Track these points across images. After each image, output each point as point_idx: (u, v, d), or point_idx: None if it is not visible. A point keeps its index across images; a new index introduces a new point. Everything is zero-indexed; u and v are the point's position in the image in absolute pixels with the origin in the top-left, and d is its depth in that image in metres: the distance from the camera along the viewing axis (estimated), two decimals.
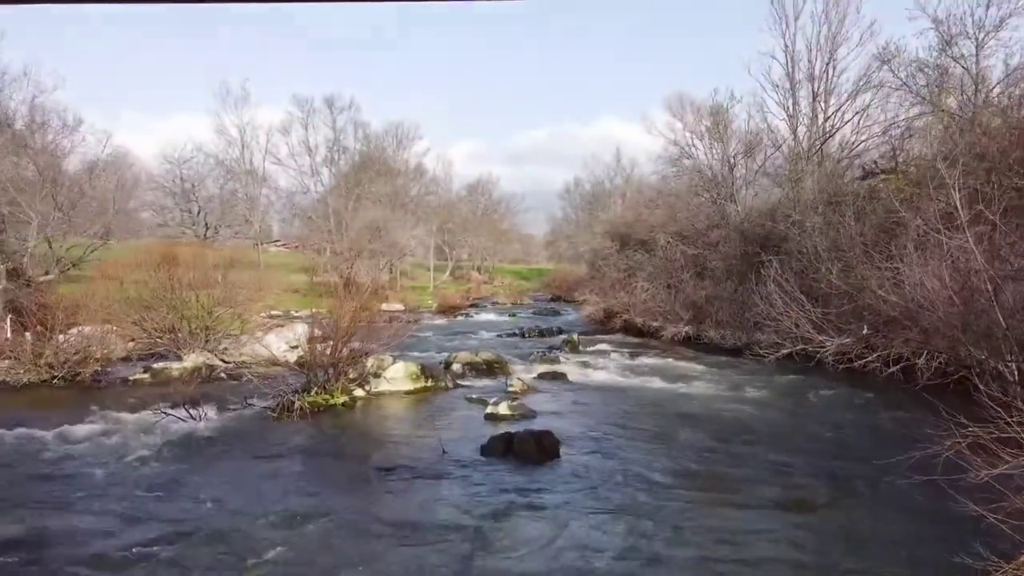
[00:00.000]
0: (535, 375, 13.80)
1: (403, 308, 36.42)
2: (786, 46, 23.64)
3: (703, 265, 21.63)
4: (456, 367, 14.20)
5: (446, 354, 15.94)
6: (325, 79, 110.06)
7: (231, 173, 39.92)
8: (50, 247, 20.84)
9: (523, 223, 76.62)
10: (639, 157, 52.65)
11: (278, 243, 73.93)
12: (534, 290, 51.46)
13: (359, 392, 11.53)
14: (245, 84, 41.89)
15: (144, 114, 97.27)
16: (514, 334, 22.83)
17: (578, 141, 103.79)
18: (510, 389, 12.03)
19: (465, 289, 49.18)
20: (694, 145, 28.44)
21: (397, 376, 12.23)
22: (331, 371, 11.13)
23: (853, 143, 22.36)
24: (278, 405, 10.02)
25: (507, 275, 63.47)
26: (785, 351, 13.72)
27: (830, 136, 22.73)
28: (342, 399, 10.91)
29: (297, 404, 9.98)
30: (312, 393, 10.77)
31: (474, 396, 11.52)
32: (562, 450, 7.80)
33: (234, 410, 10.02)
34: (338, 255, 37.43)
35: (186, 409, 9.17)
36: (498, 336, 22.43)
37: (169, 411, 9.13)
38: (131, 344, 15.26)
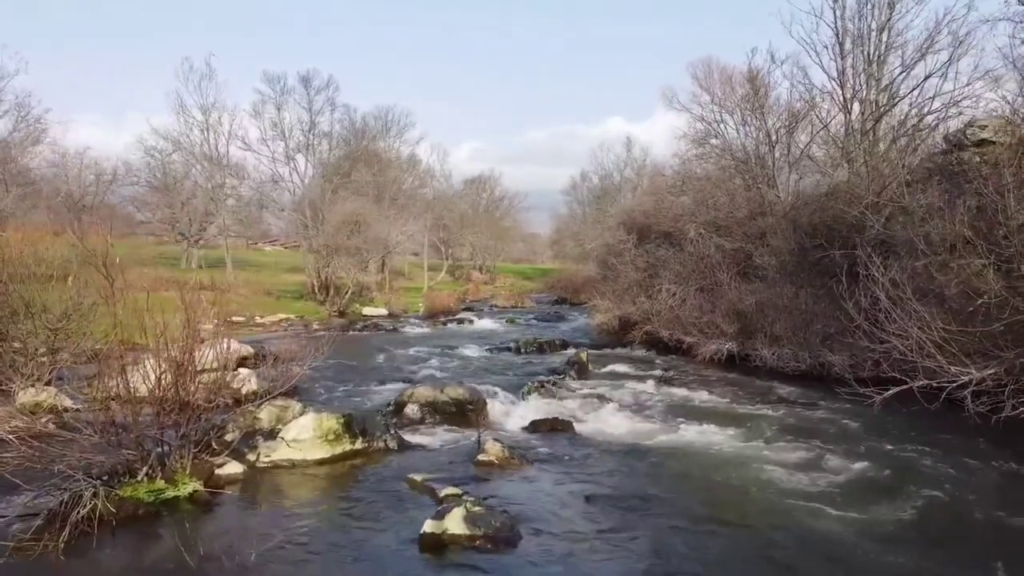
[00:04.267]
0: (526, 424, 9.33)
1: (387, 313, 32.04)
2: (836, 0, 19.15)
3: (746, 263, 17.11)
4: (411, 409, 9.75)
5: (402, 386, 11.49)
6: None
7: (192, 157, 35.41)
8: None
9: (528, 222, 72.43)
10: (652, 146, 47.99)
11: (275, 242, 69.57)
12: (537, 291, 47.24)
13: (233, 468, 7.06)
14: (209, 60, 37.11)
15: (146, 114, 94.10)
16: (508, 348, 18.35)
17: (584, 141, 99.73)
18: (481, 459, 7.52)
19: (461, 290, 44.89)
20: (723, 121, 24.04)
21: (304, 436, 7.73)
22: (175, 433, 6.67)
23: (929, 110, 17.82)
24: (53, 511, 5.55)
25: (510, 275, 59.28)
26: (899, 387, 9.12)
27: (893, 105, 18.12)
28: (191, 487, 6.39)
29: (85, 510, 5.49)
30: (139, 478, 6.32)
31: (421, 474, 7.01)
32: None
33: None
34: (315, 252, 33.06)
35: None
36: (488, 351, 17.94)
37: None
38: None
